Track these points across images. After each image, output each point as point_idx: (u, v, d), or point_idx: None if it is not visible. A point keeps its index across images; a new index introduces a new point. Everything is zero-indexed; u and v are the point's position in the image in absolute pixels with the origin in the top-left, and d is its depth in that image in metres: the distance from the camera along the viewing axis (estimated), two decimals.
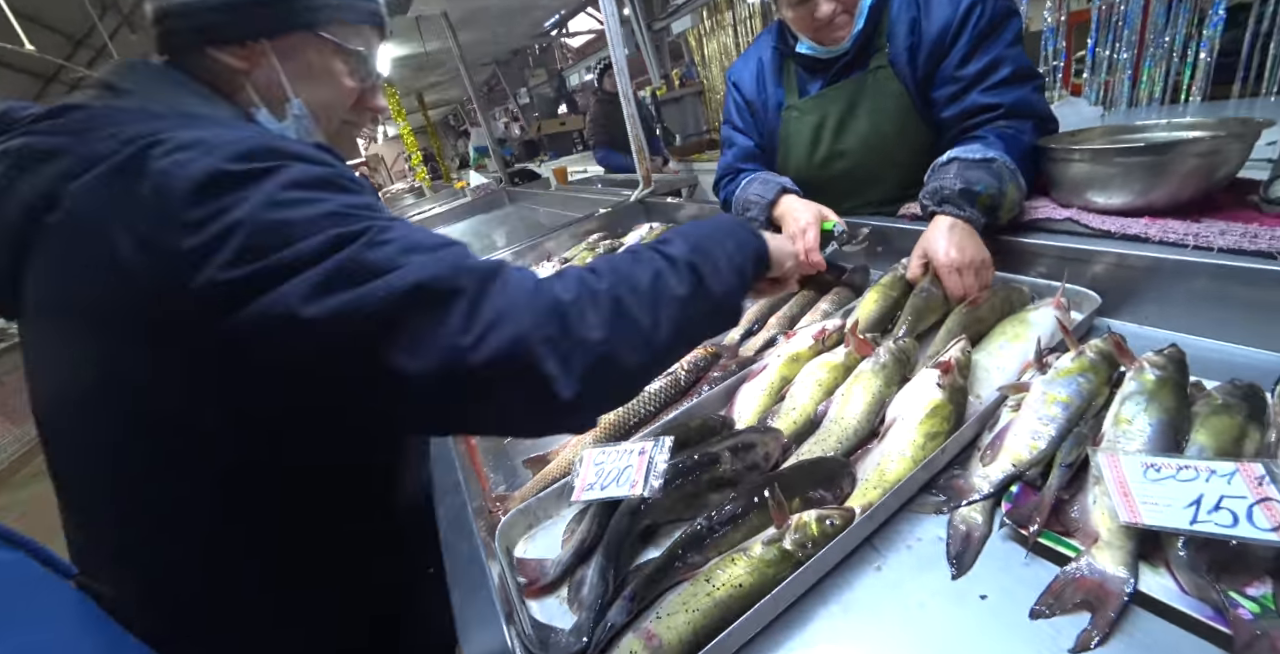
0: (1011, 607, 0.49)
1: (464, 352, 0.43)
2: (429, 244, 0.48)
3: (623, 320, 0.50)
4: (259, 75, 0.61)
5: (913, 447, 0.65)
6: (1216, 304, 0.73)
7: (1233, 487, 0.47)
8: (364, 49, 0.66)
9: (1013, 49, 1.03)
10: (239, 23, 0.58)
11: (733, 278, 0.61)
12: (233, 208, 0.43)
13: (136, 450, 0.55)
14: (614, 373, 0.50)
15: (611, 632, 0.55)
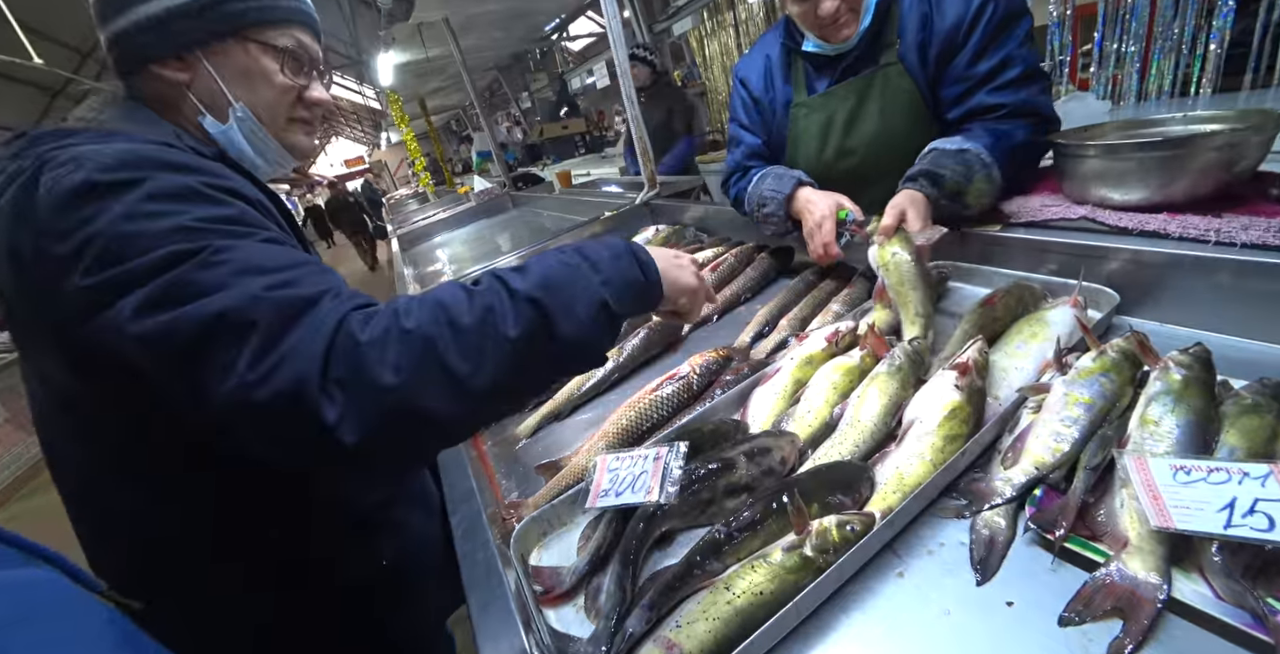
0: (1039, 614, 0.48)
1: (248, 387, 0.43)
2: (266, 265, 0.48)
3: (428, 364, 0.46)
4: (199, 85, 0.65)
5: (931, 450, 0.64)
6: (1241, 300, 0.71)
7: (1267, 489, 0.46)
8: (295, 47, 0.68)
9: (1023, 48, 1.03)
10: (169, 39, 0.62)
11: (590, 318, 0.54)
12: (95, 218, 0.47)
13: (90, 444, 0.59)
14: (411, 421, 0.47)
15: (631, 641, 0.54)
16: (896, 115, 1.15)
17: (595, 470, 0.72)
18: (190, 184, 0.51)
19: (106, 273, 0.46)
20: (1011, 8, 1.02)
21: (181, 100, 0.66)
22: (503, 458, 0.96)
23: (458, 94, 9.19)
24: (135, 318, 0.45)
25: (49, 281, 0.49)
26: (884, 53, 1.12)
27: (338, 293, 0.49)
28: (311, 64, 0.71)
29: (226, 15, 0.63)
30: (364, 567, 0.72)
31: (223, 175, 0.56)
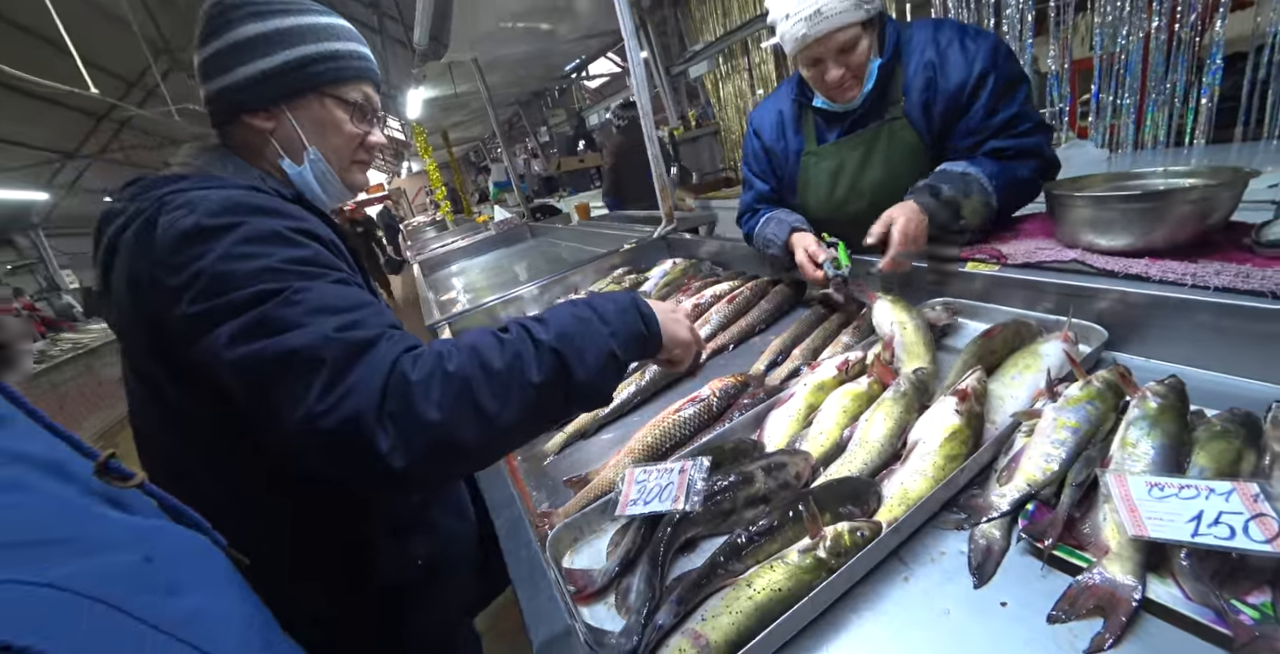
0: (1030, 613, 0.54)
1: (316, 417, 0.51)
2: (337, 305, 0.56)
3: (464, 402, 0.54)
4: (280, 132, 0.76)
5: (933, 467, 0.71)
6: (1215, 338, 0.78)
7: (1230, 504, 0.52)
8: (362, 100, 0.79)
9: (1026, 106, 1.15)
10: (261, 95, 0.74)
11: (599, 366, 0.62)
12: (201, 257, 0.56)
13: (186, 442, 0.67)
14: (449, 450, 0.54)
15: (661, 632, 0.60)
16: (900, 164, 1.26)
17: (624, 482, 0.79)
18: (277, 228, 0.60)
19: (208, 303, 0.55)
20: (1011, 74, 1.14)
21: (265, 145, 0.77)
22: (532, 472, 1.03)
23: (478, 126, 9.56)
24: (230, 345, 0.54)
25: (162, 307, 0.58)
26: (889, 109, 1.24)
27: (392, 335, 0.57)
28: (373, 113, 0.83)
29: (309, 75, 0.74)
30: (400, 566, 0.78)
31: (301, 217, 0.65)
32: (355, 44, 0.78)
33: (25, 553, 0.31)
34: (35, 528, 0.33)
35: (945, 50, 1.17)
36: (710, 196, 4.01)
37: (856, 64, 1.17)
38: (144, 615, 0.33)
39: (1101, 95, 2.57)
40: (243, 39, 0.71)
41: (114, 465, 0.43)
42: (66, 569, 0.32)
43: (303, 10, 0.74)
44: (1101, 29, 2.45)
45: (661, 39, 5.09)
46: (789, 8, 1.13)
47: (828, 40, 1.13)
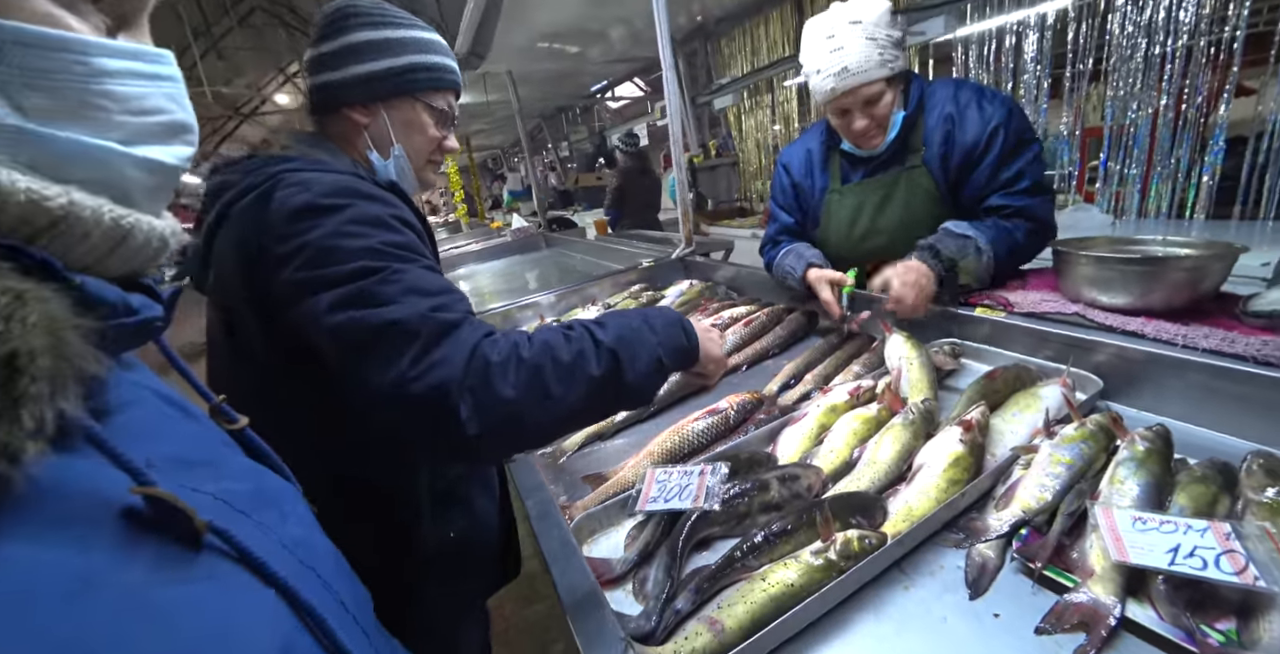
0: (1020, 625, 0.60)
1: (409, 381, 0.57)
2: (429, 289, 0.63)
3: (535, 386, 0.60)
4: (374, 127, 0.85)
5: (936, 490, 0.77)
6: (1201, 396, 0.85)
7: (1205, 539, 0.58)
8: (446, 108, 0.88)
9: (1033, 166, 1.24)
10: (364, 93, 0.82)
11: (649, 370, 0.69)
12: (311, 230, 0.63)
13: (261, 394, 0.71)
14: (516, 426, 0.60)
15: (679, 617, 0.65)
16: (918, 207, 1.36)
17: (644, 480, 0.84)
18: (380, 214, 0.68)
19: (313, 272, 0.62)
20: (1021, 135, 1.24)
21: (358, 137, 0.85)
22: (550, 468, 1.08)
23: (499, 135, 9.76)
24: (330, 311, 0.60)
25: (268, 271, 0.64)
26: (910, 157, 1.34)
27: (473, 320, 0.64)
28: (452, 120, 0.91)
29: (408, 81, 0.83)
30: (437, 538, 0.82)
31: (397, 205, 0.72)
32: (448, 59, 0.87)
33: (190, 469, 0.37)
34: (193, 451, 0.39)
35: (964, 108, 1.27)
36: (725, 224, 4.12)
37: (880, 116, 1.28)
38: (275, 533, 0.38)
39: (1110, 163, 2.70)
40: (359, 43, 0.80)
41: (225, 408, 0.48)
42: (219, 485, 0.37)
43: (411, 25, 0.83)
44: (1113, 101, 2.59)
45: (690, 70, 5.27)
46: (820, 64, 1.24)
47: (854, 94, 1.24)
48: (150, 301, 0.34)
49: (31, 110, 0.27)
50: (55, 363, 0.23)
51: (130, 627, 0.24)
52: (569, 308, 2.14)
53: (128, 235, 0.31)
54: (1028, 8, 2.76)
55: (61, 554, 0.24)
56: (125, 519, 0.27)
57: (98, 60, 0.29)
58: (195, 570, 0.29)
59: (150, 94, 0.32)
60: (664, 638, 0.64)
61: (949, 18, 2.92)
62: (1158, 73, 2.41)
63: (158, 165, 0.33)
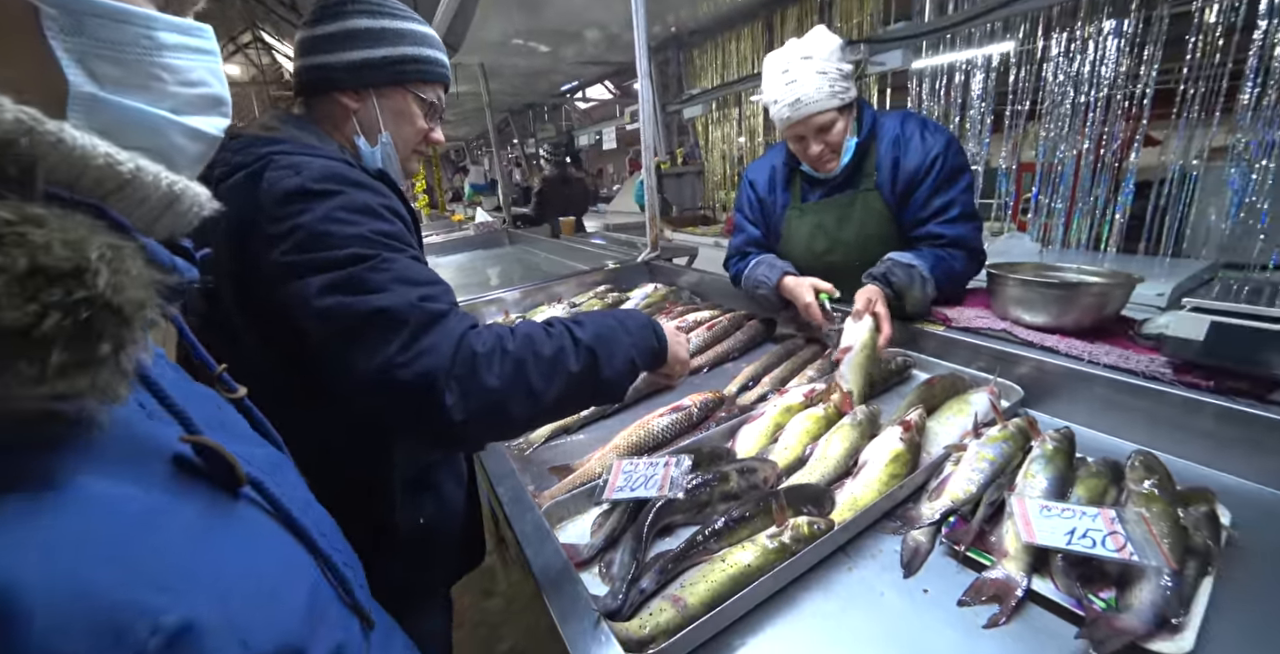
0: (946, 598, 0.68)
1: (396, 367, 0.59)
2: (417, 278, 0.65)
3: (519, 378, 0.64)
4: (363, 113, 0.86)
5: (878, 483, 0.85)
6: (1103, 405, 0.98)
7: (1095, 523, 0.68)
8: (435, 101, 0.90)
9: (964, 195, 1.37)
10: (357, 79, 0.83)
11: (623, 368, 0.74)
12: (302, 214, 0.65)
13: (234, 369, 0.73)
14: (499, 414, 0.63)
15: (643, 595, 0.70)
16: (870, 226, 1.47)
17: (611, 471, 0.89)
18: (370, 202, 0.69)
19: (303, 255, 0.63)
20: (956, 164, 1.36)
21: (345, 121, 0.85)
22: (517, 459, 1.11)
23: (464, 127, 9.58)
24: (319, 294, 0.62)
25: (258, 250, 0.65)
26: (864, 180, 1.46)
27: (458, 312, 0.67)
28: (440, 113, 0.93)
29: (401, 71, 0.85)
30: (407, 522, 0.84)
31: (387, 195, 0.74)
32: (441, 53, 0.89)
33: (213, 433, 0.39)
34: (211, 414, 0.41)
35: (909, 137, 1.40)
36: (688, 231, 4.22)
37: (834, 142, 1.39)
38: (284, 498, 0.41)
39: (1041, 196, 2.97)
40: (357, 29, 0.81)
41: (225, 377, 0.50)
42: (238, 448, 0.39)
43: (407, 17, 0.85)
44: (1044, 141, 2.85)
45: (662, 78, 5.38)
46: (776, 95, 1.35)
47: (807, 122, 1.35)
48: (188, 264, 0.36)
49: (104, 79, 0.29)
50: (149, 314, 0.26)
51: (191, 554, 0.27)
52: (534, 305, 2.16)
53: (177, 199, 0.33)
54: (976, 48, 2.99)
55: (131, 490, 0.27)
56: (175, 464, 0.30)
57: (160, 34, 0.32)
58: (238, 515, 0.32)
59: (196, 67, 0.34)
60: (630, 614, 0.68)
61: (906, 51, 3.13)
62: (1082, 119, 2.67)
63: (201, 134, 0.36)
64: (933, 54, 3.17)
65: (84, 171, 0.28)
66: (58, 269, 0.23)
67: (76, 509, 0.24)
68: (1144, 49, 2.46)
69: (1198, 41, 2.33)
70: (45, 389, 0.23)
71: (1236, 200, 2.32)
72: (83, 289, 0.23)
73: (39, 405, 0.23)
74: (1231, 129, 2.31)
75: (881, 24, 3.48)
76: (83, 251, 0.23)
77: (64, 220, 0.24)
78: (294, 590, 0.32)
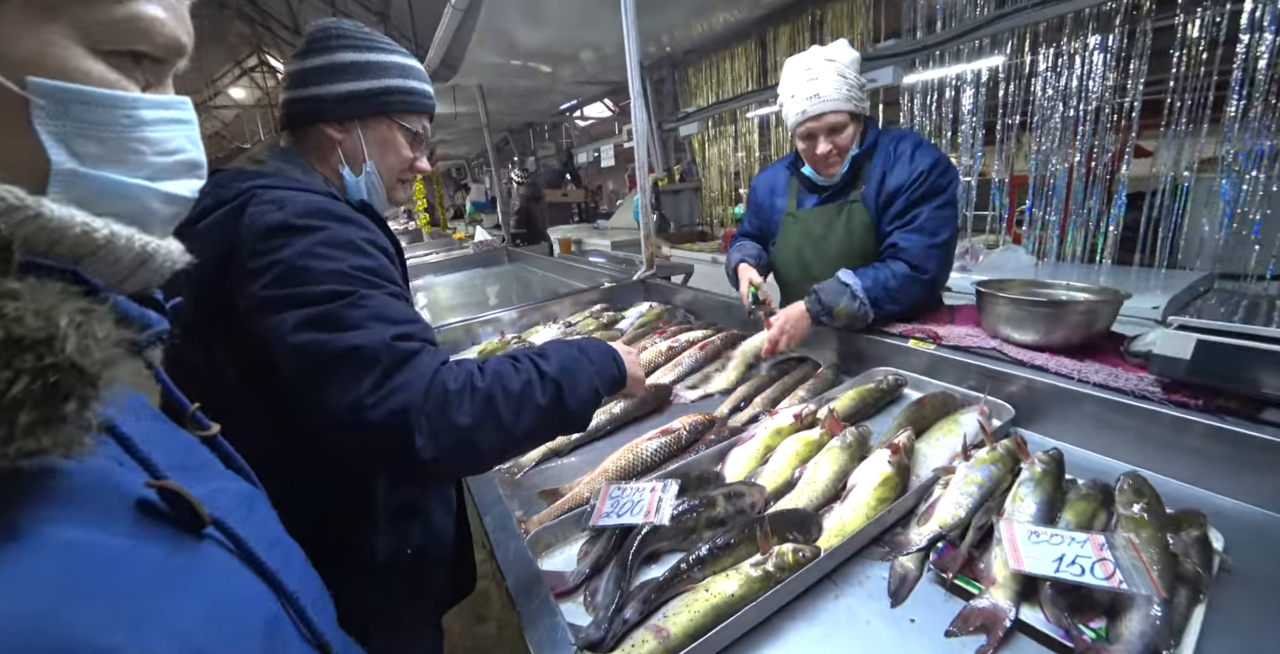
0: (933, 628, 0.67)
1: (366, 408, 0.59)
2: (394, 317, 0.66)
3: (488, 414, 0.64)
4: (348, 144, 0.87)
5: (866, 507, 0.84)
6: (1093, 424, 0.97)
7: (1084, 549, 0.67)
8: (420, 131, 0.91)
9: (937, 212, 1.38)
10: (342, 110, 0.85)
11: (587, 397, 0.76)
12: (283, 249, 0.66)
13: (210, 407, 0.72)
14: (470, 451, 0.64)
15: (626, 626, 0.69)
16: (855, 236, 1.51)
17: (599, 496, 0.89)
18: (352, 237, 0.70)
19: (280, 290, 0.64)
20: (937, 184, 1.38)
21: (331, 152, 0.87)
22: (507, 483, 1.10)
23: (464, 146, 9.72)
24: (295, 330, 0.62)
25: (236, 283, 0.66)
26: (854, 192, 1.50)
27: (431, 349, 0.67)
28: (425, 142, 0.94)
29: (385, 103, 0.86)
30: (394, 551, 0.84)
31: (370, 229, 0.75)
32: (425, 84, 0.91)
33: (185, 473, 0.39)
34: (183, 455, 0.41)
35: (899, 155, 1.44)
36: (686, 247, 4.24)
37: (842, 145, 1.43)
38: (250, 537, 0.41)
39: (1035, 209, 2.98)
40: (342, 63, 0.82)
41: (199, 416, 0.50)
42: (210, 487, 0.40)
43: (392, 50, 0.87)
44: (1036, 155, 2.87)
45: (658, 96, 5.45)
46: (795, 90, 1.40)
47: (821, 119, 1.39)
48: (158, 315, 0.37)
49: (84, 156, 0.32)
50: (113, 372, 0.27)
51: (152, 594, 0.28)
52: (530, 325, 2.17)
53: (150, 258, 0.35)
54: (965, 63, 3.04)
55: (97, 536, 0.28)
56: (140, 509, 0.31)
57: (140, 112, 0.34)
58: (200, 554, 0.33)
59: (175, 136, 0.37)
60: (613, 645, 0.67)
61: (897, 67, 3.18)
62: (1072, 132, 2.69)
63: (176, 197, 0.38)
64: (923, 69, 3.21)
65: (60, 239, 0.30)
66: (31, 338, 0.25)
67: (40, 557, 0.25)
68: (1129, 63, 2.49)
69: (1182, 55, 2.35)
70: (12, 448, 0.24)
71: (1229, 211, 2.32)
72: (51, 355, 0.25)
73: (4, 464, 0.25)
74: (1220, 140, 2.33)
75: (872, 42, 3.53)
76: (54, 320, 0.26)
77: (37, 291, 0.26)
78: (251, 627, 0.33)
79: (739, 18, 4.10)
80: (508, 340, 1.90)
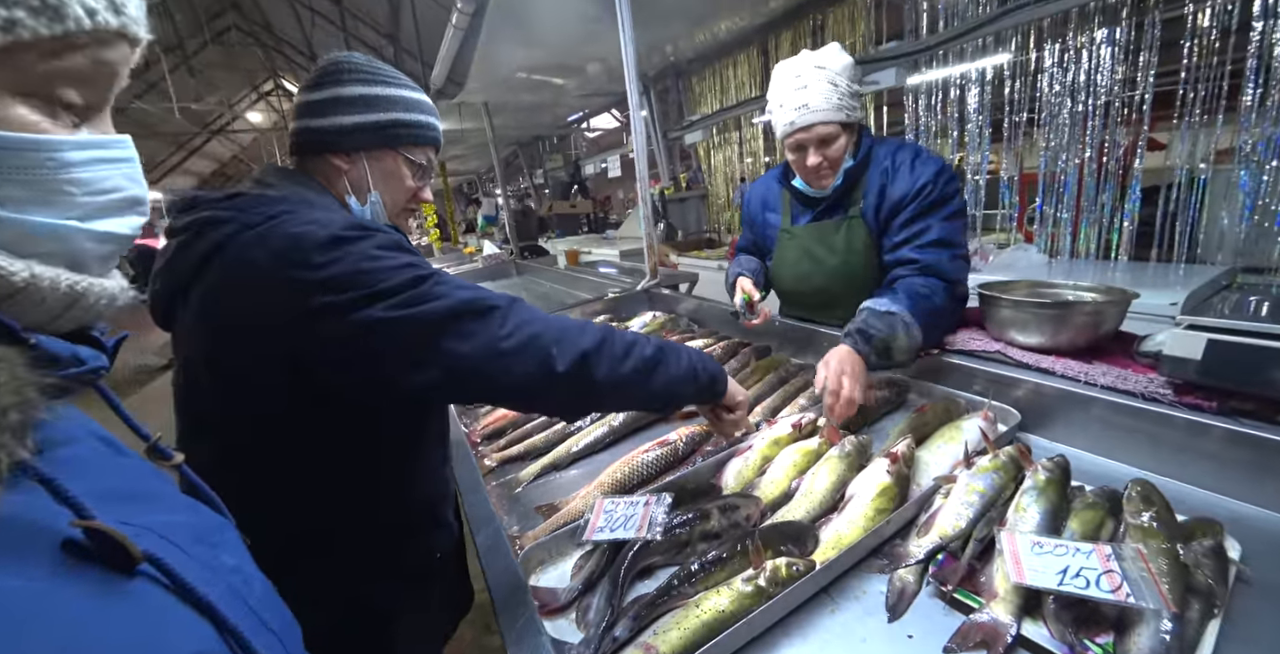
0: (932, 644, 0.64)
1: (499, 340, 0.69)
2: (472, 286, 0.73)
3: (604, 346, 0.76)
4: (354, 174, 0.88)
5: (864, 519, 0.82)
6: (1102, 428, 0.94)
7: (1089, 561, 0.65)
8: (425, 163, 0.93)
9: (948, 223, 1.30)
10: (349, 142, 0.86)
11: (685, 375, 0.84)
12: (343, 258, 0.67)
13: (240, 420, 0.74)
14: (587, 372, 0.74)
15: (616, 644, 0.68)
16: (855, 254, 1.45)
17: (593, 511, 0.87)
18: (398, 240, 0.74)
19: (357, 291, 0.64)
20: (942, 194, 1.31)
21: (338, 180, 0.87)
22: (504, 499, 1.10)
23: (474, 161, 9.87)
24: (388, 312, 0.65)
25: (294, 300, 0.65)
26: (851, 207, 1.43)
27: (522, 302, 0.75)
28: (430, 174, 0.95)
29: (391, 136, 0.87)
30: (423, 556, 0.84)
31: (404, 240, 0.77)
32: (433, 118, 0.92)
33: (124, 503, 0.39)
34: (130, 485, 0.41)
35: (899, 166, 1.37)
36: (693, 255, 4.24)
37: (833, 157, 1.36)
38: (206, 562, 0.41)
39: (1045, 207, 2.92)
40: (350, 95, 0.84)
41: (160, 447, 0.51)
42: (152, 518, 0.39)
43: (400, 85, 0.88)
44: (1045, 151, 2.82)
45: (662, 105, 5.49)
46: (783, 99, 1.33)
47: (810, 131, 1.32)
48: (96, 352, 0.37)
49: (6, 200, 0.32)
50: (20, 416, 0.27)
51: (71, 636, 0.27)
52: None
53: (80, 298, 0.35)
54: (969, 62, 3.00)
55: (14, 583, 0.27)
56: (65, 549, 0.30)
57: (66, 154, 0.34)
58: (128, 594, 0.32)
59: (110, 176, 0.37)
60: None
61: (899, 68, 3.16)
62: (1081, 127, 2.64)
63: (112, 236, 0.38)
64: (926, 70, 3.18)
65: None
66: None
67: None
68: (1139, 55, 2.44)
69: (1193, 45, 2.30)
70: None
71: (1249, 203, 2.25)
72: None
73: None
74: (1236, 130, 2.26)
75: (874, 44, 3.52)
76: None
77: None
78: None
79: (741, 25, 4.12)
80: None
